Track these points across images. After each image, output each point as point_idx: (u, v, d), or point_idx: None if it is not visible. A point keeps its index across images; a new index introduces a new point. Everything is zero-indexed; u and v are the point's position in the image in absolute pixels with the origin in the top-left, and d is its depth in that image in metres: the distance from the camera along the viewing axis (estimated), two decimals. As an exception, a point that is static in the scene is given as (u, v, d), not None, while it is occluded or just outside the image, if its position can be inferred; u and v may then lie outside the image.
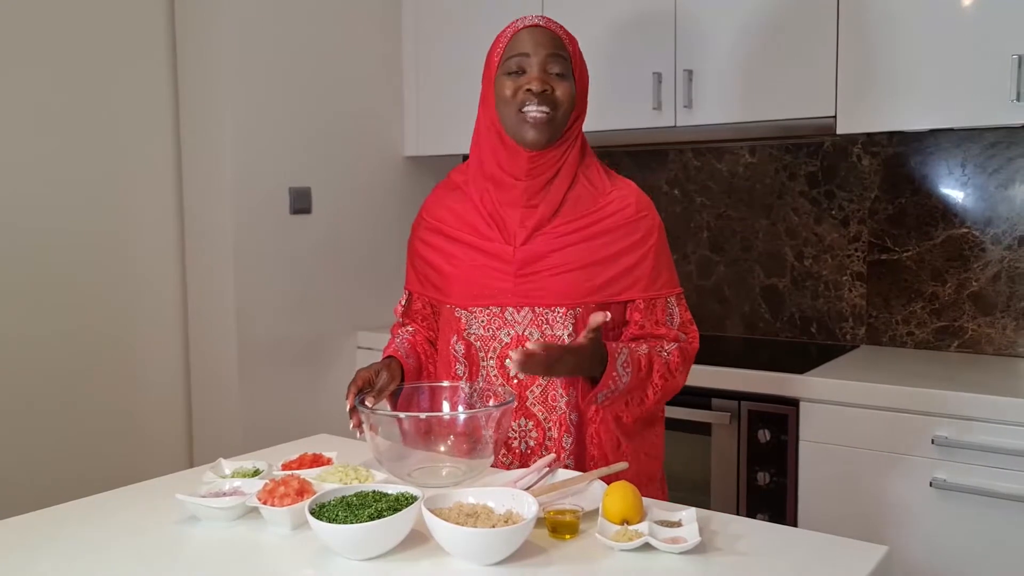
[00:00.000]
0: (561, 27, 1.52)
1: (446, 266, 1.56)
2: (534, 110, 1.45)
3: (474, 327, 1.52)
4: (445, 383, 1.56)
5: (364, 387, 1.47)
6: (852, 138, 2.54)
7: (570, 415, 1.49)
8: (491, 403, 1.46)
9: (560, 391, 1.49)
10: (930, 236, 2.45)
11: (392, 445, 1.39)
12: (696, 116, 2.44)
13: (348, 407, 1.43)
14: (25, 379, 2.35)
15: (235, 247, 2.58)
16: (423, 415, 1.45)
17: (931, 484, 1.96)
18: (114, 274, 2.54)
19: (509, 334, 1.50)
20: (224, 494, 1.32)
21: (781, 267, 2.69)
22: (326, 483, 1.32)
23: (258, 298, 2.64)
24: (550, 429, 1.50)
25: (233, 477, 1.40)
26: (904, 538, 2.00)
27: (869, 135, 2.50)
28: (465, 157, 3.28)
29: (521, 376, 1.39)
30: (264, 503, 1.25)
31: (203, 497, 1.29)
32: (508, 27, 1.52)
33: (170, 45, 2.65)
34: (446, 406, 1.52)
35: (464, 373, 1.54)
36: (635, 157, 2.93)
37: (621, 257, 1.50)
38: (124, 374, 2.57)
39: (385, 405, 1.50)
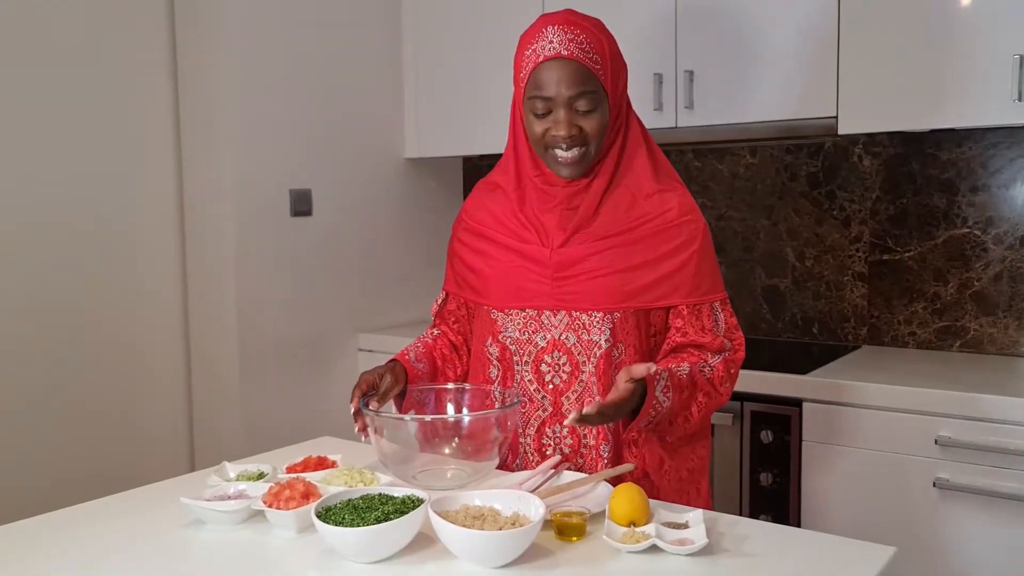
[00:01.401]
0: (589, 38, 1.39)
1: (484, 268, 1.53)
2: (563, 151, 1.41)
3: (509, 329, 1.50)
4: (450, 385, 1.55)
5: (368, 391, 1.46)
6: (853, 138, 2.54)
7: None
8: (496, 405, 1.45)
9: (597, 398, 1.44)
10: (931, 236, 2.45)
11: (397, 448, 1.38)
12: (697, 117, 2.44)
13: (352, 410, 1.43)
14: (26, 381, 2.34)
15: (236, 249, 2.57)
16: (428, 417, 1.45)
17: (934, 484, 1.96)
18: (115, 276, 2.53)
19: (545, 338, 1.47)
20: (229, 497, 1.32)
21: (782, 268, 2.69)
22: (331, 486, 1.32)
23: (259, 300, 2.63)
24: (585, 436, 1.47)
25: (238, 480, 1.40)
26: (907, 538, 2.00)
27: (870, 135, 2.50)
28: (465, 159, 3.30)
29: (576, 426, 1.33)
30: (269, 506, 1.24)
31: (208, 500, 1.29)
32: (532, 46, 1.40)
33: (171, 47, 2.64)
34: (451, 408, 1.51)
35: (498, 376, 1.52)
36: (636, 158, 2.93)
37: (662, 262, 1.45)
38: (125, 376, 2.57)
39: (390, 408, 1.50)
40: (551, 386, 1.47)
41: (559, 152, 1.42)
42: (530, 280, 1.47)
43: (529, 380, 1.48)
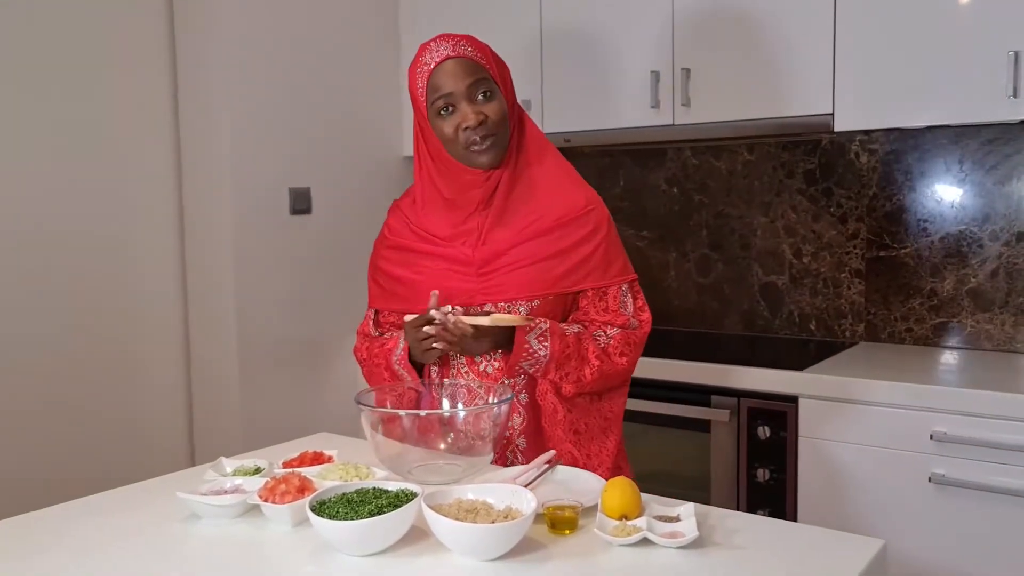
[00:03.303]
0: (469, 42, 1.55)
1: (413, 276, 1.62)
2: (478, 143, 1.51)
3: None
4: (446, 381, 1.57)
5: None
6: (850, 135, 2.54)
7: (519, 395, 1.57)
8: (492, 399, 1.47)
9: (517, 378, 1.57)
10: (928, 233, 2.46)
11: (392, 443, 1.39)
12: (694, 114, 2.45)
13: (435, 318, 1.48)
14: (26, 380, 2.36)
15: (235, 248, 2.58)
16: (423, 412, 1.46)
17: (930, 479, 1.97)
18: (115, 275, 2.54)
19: None
20: (225, 492, 1.33)
21: (780, 265, 2.70)
22: (327, 480, 1.33)
23: (258, 299, 2.64)
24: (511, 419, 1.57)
25: (234, 475, 1.41)
26: (903, 533, 2.01)
27: (867, 132, 2.50)
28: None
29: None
30: (265, 501, 1.25)
31: (204, 495, 1.30)
32: (421, 63, 1.54)
33: (169, 47, 2.65)
34: (446, 404, 1.53)
35: (436, 374, 1.61)
36: (634, 156, 2.94)
37: (575, 249, 1.56)
38: (125, 375, 2.58)
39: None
40: (486, 375, 1.57)
41: (474, 147, 1.52)
42: (457, 279, 1.57)
43: (465, 371, 1.58)
